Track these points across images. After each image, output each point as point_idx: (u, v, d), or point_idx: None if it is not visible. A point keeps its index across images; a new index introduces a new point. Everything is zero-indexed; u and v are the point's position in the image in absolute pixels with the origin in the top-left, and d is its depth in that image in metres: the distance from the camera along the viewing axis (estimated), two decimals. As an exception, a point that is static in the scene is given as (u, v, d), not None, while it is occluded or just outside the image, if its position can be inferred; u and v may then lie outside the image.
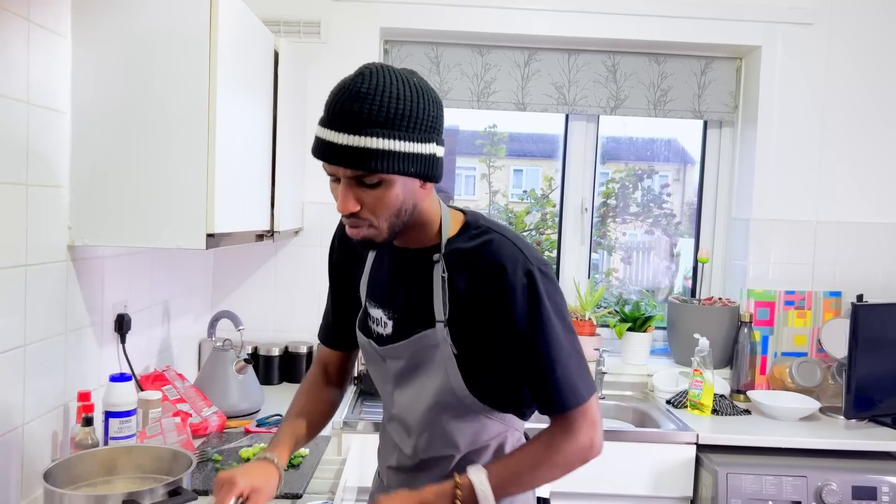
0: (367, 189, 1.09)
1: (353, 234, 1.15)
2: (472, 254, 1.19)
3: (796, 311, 2.72)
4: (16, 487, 1.48)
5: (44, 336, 1.56)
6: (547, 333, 1.16)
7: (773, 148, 2.74)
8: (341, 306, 1.43)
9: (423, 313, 1.22)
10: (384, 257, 1.30)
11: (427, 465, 1.30)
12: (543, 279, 1.17)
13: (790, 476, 2.12)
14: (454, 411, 1.24)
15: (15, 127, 1.43)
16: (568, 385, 1.18)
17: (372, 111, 1.05)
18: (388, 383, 1.33)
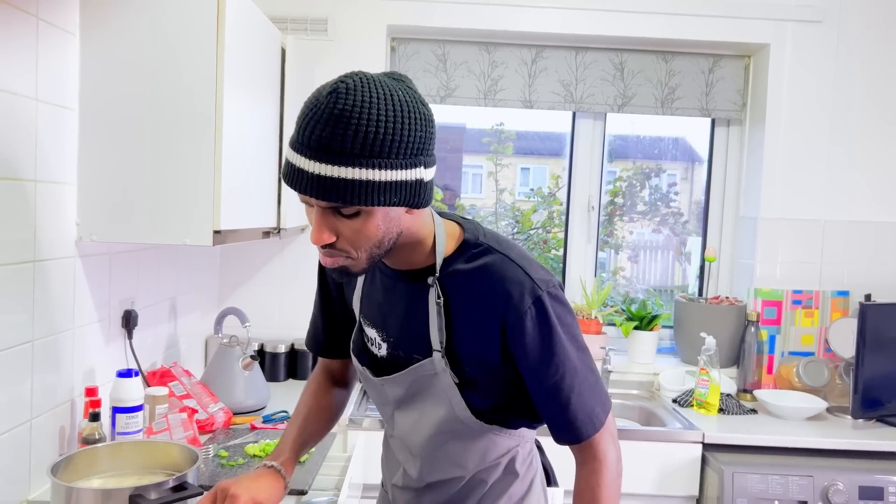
0: (344, 219, 0.99)
1: (327, 265, 1.05)
2: (473, 277, 1.11)
3: (804, 311, 2.71)
4: (24, 482, 1.49)
5: (52, 332, 1.57)
6: (561, 364, 1.10)
7: (782, 146, 2.73)
8: (331, 316, 1.36)
9: (420, 340, 1.15)
10: (376, 275, 1.23)
11: (434, 486, 1.28)
12: (553, 303, 1.10)
13: (796, 476, 2.11)
14: (460, 435, 1.20)
15: (23, 124, 1.44)
16: (585, 412, 1.13)
17: (347, 137, 0.92)
18: (387, 406, 1.28)
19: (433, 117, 1.03)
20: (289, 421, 1.38)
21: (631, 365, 2.77)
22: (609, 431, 1.17)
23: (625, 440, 2.19)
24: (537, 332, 1.09)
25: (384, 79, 0.98)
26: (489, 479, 1.25)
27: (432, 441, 1.21)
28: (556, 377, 1.11)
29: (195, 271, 2.50)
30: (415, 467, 1.27)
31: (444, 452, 1.22)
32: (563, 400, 1.12)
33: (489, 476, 1.25)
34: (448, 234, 1.15)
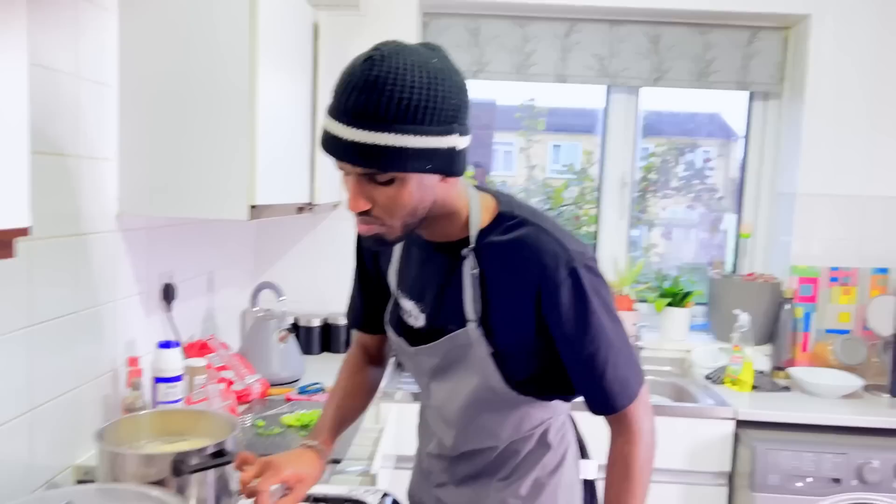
0: (379, 186, 1.00)
1: (363, 232, 1.07)
2: (508, 249, 1.11)
3: (841, 288, 2.67)
4: (71, 447, 1.55)
5: (95, 303, 1.62)
6: (596, 335, 1.11)
7: (821, 120, 2.67)
8: (369, 293, 1.37)
9: (455, 311, 1.16)
10: (412, 248, 1.24)
11: (468, 455, 1.30)
12: (588, 275, 1.10)
13: (830, 453, 2.10)
14: (495, 405, 1.21)
15: (66, 100, 1.48)
16: (620, 384, 1.13)
17: (382, 103, 0.94)
18: (423, 376, 1.29)
19: (467, 86, 1.03)
20: (326, 401, 1.40)
21: (663, 342, 2.76)
22: (643, 403, 1.18)
23: (656, 416, 2.16)
24: (572, 303, 1.09)
25: (419, 47, 1.00)
26: (522, 450, 1.27)
27: (467, 411, 1.23)
28: (591, 348, 1.11)
29: (231, 247, 2.55)
30: (449, 436, 1.29)
31: (478, 422, 1.24)
32: (598, 371, 1.12)
33: (523, 447, 1.26)
34: (483, 207, 1.15)
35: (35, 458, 1.42)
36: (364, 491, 1.49)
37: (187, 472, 1.22)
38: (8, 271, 1.32)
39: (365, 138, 0.95)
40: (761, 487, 2.10)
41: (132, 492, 1.19)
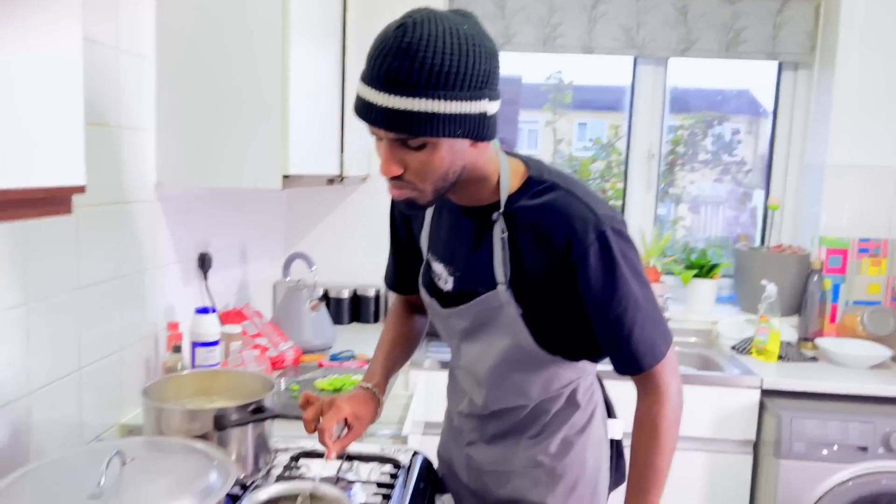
0: (411, 151, 1.03)
1: (395, 196, 1.11)
2: (538, 213, 1.14)
3: (871, 259, 2.65)
4: (116, 407, 1.62)
5: (136, 270, 1.68)
6: (624, 297, 1.13)
7: (853, 90, 2.64)
8: (404, 256, 1.43)
9: (485, 274, 1.19)
10: (443, 213, 1.28)
11: (498, 414, 1.33)
12: (617, 239, 1.12)
13: (857, 422, 2.11)
14: (524, 364, 1.24)
15: (107, 71, 1.53)
16: (647, 344, 1.15)
17: (414, 69, 0.96)
18: (454, 338, 1.34)
19: (497, 51, 1.05)
20: (375, 348, 1.47)
21: (689, 313, 2.77)
22: (670, 363, 1.20)
23: (682, 384, 2.24)
24: (601, 266, 1.11)
25: (450, 14, 1.02)
26: (552, 409, 1.30)
27: (497, 370, 1.27)
28: (619, 310, 1.13)
29: (263, 219, 2.60)
30: (480, 396, 1.32)
31: (508, 381, 1.27)
32: (626, 332, 1.15)
33: (552, 405, 1.30)
34: (513, 171, 1.18)
35: (83, 417, 1.49)
36: (395, 450, 1.54)
37: (228, 426, 1.28)
38: (59, 237, 1.38)
39: (397, 104, 0.98)
40: (786, 455, 2.12)
41: (178, 444, 1.24)
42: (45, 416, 1.36)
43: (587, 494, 1.32)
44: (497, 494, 1.34)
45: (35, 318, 1.32)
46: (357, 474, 1.43)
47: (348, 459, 1.46)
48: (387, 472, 1.44)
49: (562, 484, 1.30)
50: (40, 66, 0.77)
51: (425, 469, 1.47)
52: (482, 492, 1.37)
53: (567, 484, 1.30)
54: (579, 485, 1.31)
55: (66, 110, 0.83)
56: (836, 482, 2.11)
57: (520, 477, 1.31)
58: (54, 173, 0.82)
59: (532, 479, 1.30)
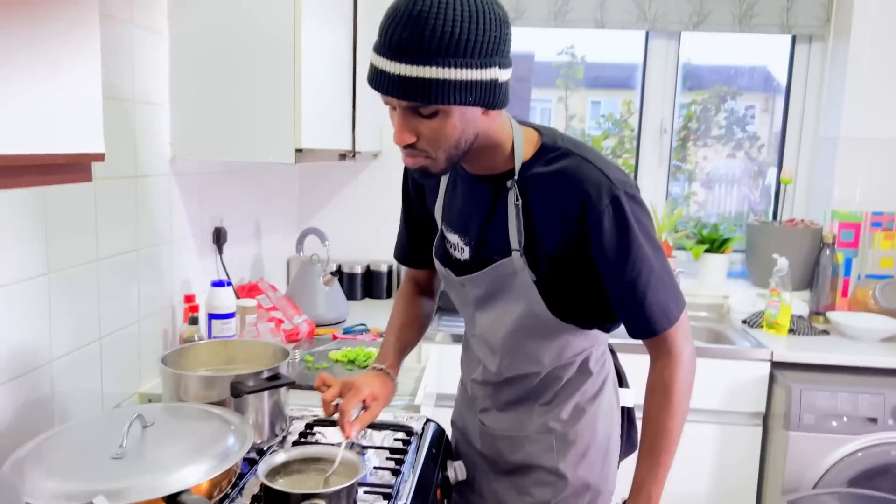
0: (424, 119, 1.05)
1: (409, 164, 1.12)
2: (552, 179, 1.15)
3: (884, 233, 2.64)
4: (135, 377, 1.66)
5: (152, 243, 1.71)
6: (637, 260, 1.14)
7: (867, 62, 2.61)
8: (415, 228, 1.45)
9: (499, 241, 1.21)
10: (457, 182, 1.29)
11: (512, 381, 1.35)
12: (630, 203, 1.13)
13: (867, 394, 2.11)
14: (538, 332, 1.26)
15: (122, 46, 1.55)
16: (660, 308, 1.16)
17: (425, 37, 0.97)
18: (468, 306, 1.36)
19: (508, 19, 1.06)
20: (385, 332, 1.50)
21: (701, 288, 2.78)
22: (683, 327, 1.20)
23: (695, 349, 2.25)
24: (614, 230, 1.12)
25: None
26: (564, 376, 1.32)
27: (511, 337, 1.29)
28: (632, 274, 1.15)
29: (277, 195, 2.63)
30: (494, 363, 1.35)
31: (522, 349, 1.30)
32: (639, 296, 1.16)
33: (564, 373, 1.32)
34: (526, 140, 1.19)
35: (104, 385, 1.53)
36: (408, 418, 1.58)
37: (245, 393, 1.31)
38: (78, 208, 1.41)
39: (409, 72, 0.99)
40: (795, 426, 2.13)
41: (196, 409, 1.28)
42: (68, 384, 1.40)
43: (598, 460, 1.35)
44: (510, 460, 1.37)
45: (56, 288, 1.35)
46: (371, 440, 1.46)
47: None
48: (400, 438, 1.47)
49: (573, 450, 1.33)
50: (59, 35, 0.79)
51: (437, 436, 1.50)
52: (495, 457, 1.40)
53: (578, 450, 1.33)
54: (590, 451, 1.34)
55: (85, 81, 0.85)
56: (845, 453, 2.12)
57: (532, 443, 1.34)
58: (74, 141, 0.84)
59: (545, 444, 1.33)
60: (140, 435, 1.14)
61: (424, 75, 0.99)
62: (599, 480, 1.35)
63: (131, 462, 1.07)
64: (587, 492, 1.34)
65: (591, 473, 1.34)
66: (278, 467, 1.19)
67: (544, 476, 1.34)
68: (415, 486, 1.26)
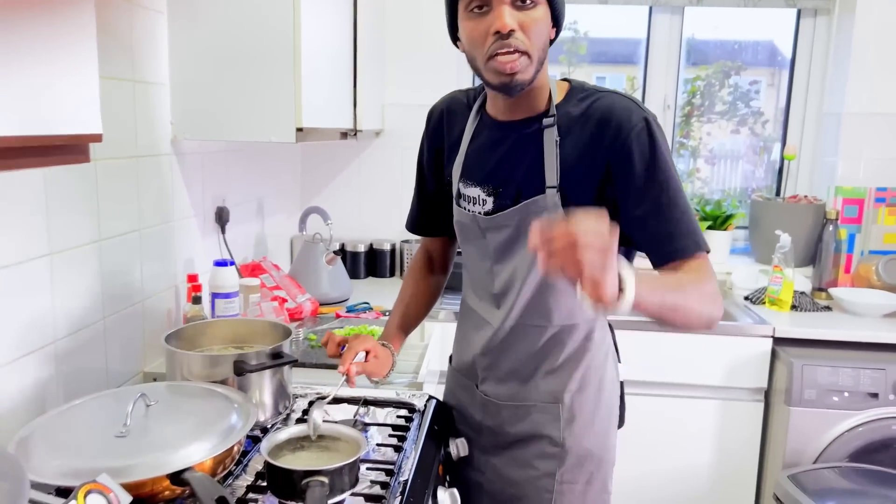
0: (523, 10, 1.13)
1: (506, 67, 1.15)
2: (585, 115, 1.21)
3: (888, 209, 2.63)
4: (139, 356, 1.68)
5: (155, 223, 1.72)
6: (666, 179, 1.16)
7: (872, 36, 2.59)
8: (429, 197, 1.49)
9: (532, 180, 1.24)
10: (483, 133, 1.33)
11: (516, 340, 1.34)
12: (657, 128, 1.18)
13: (868, 369, 2.12)
14: (554, 282, 1.27)
15: (120, 26, 1.54)
16: (690, 229, 1.17)
17: None
18: (486, 259, 1.36)
19: None
20: (393, 306, 1.55)
21: (703, 264, 2.77)
22: (713, 271, 1.17)
23: (695, 333, 2.27)
24: (646, 148, 1.16)
25: None
26: (568, 342, 1.32)
27: (527, 285, 1.29)
28: (664, 192, 1.16)
29: (279, 174, 2.63)
30: (500, 317, 1.34)
31: (536, 298, 1.30)
32: (671, 214, 1.16)
33: (569, 339, 1.32)
34: (558, 85, 1.27)
35: (108, 364, 1.55)
36: (411, 395, 1.59)
37: (248, 371, 1.32)
38: (79, 188, 1.41)
39: None
40: (797, 402, 2.14)
41: (199, 388, 1.29)
42: (72, 363, 1.42)
43: (602, 431, 1.37)
44: (512, 431, 1.38)
45: (59, 268, 1.36)
46: (374, 417, 1.48)
47: (364, 405, 1.50)
48: (402, 415, 1.48)
49: (579, 420, 1.34)
50: (55, 16, 0.79)
51: (439, 412, 1.51)
52: (497, 429, 1.41)
53: (584, 420, 1.34)
54: (595, 422, 1.36)
55: (80, 64, 0.85)
56: (846, 428, 2.14)
57: (539, 412, 1.35)
58: (72, 122, 0.85)
59: (552, 414, 1.34)
60: (144, 413, 1.15)
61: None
62: (602, 450, 1.37)
63: (135, 440, 1.08)
64: (590, 461, 1.35)
65: (595, 443, 1.36)
66: (282, 444, 1.20)
67: (547, 447, 1.35)
68: (416, 462, 1.28)
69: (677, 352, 2.28)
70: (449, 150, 1.41)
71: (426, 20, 2.68)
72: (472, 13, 1.16)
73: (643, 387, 2.25)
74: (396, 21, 2.70)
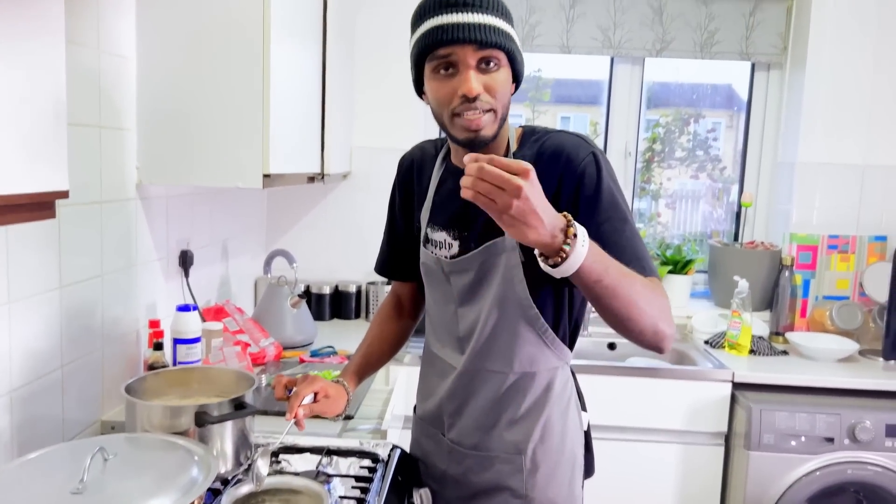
0: (487, 73, 1.19)
1: (472, 124, 1.20)
2: (539, 154, 1.27)
3: (839, 255, 2.72)
4: (97, 404, 1.64)
5: (117, 268, 1.70)
6: (613, 203, 1.21)
7: (822, 91, 2.71)
8: (399, 241, 1.52)
9: (494, 225, 1.22)
10: (448, 181, 1.38)
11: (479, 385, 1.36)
12: (605, 161, 1.25)
13: (824, 413, 2.17)
14: (515, 326, 1.30)
15: (88, 72, 1.54)
16: (638, 255, 1.19)
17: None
18: (451, 303, 1.38)
19: None
20: (357, 348, 1.57)
21: (664, 308, 2.83)
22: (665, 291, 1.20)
23: (656, 378, 2.30)
24: (594, 180, 1.22)
25: None
26: (530, 391, 1.34)
27: (488, 327, 1.32)
28: (611, 220, 1.21)
29: (245, 216, 2.62)
30: (464, 360, 1.36)
31: (498, 342, 1.32)
32: (619, 239, 1.19)
33: (530, 387, 1.34)
34: (514, 131, 1.34)
35: (66, 413, 1.51)
36: (375, 445, 1.58)
37: (209, 422, 1.31)
38: (41, 235, 1.40)
39: (483, 19, 1.17)
40: (756, 446, 2.18)
41: (159, 440, 1.27)
42: (28, 413, 1.38)
43: (565, 482, 1.37)
44: (476, 481, 1.38)
45: (17, 316, 1.34)
46: (336, 468, 1.46)
47: (328, 454, 1.49)
48: (366, 465, 1.47)
49: (542, 470, 1.35)
50: (24, 76, 0.80)
51: (403, 462, 1.51)
52: (461, 478, 1.41)
53: (547, 470, 1.35)
54: (558, 472, 1.36)
55: (50, 122, 0.85)
56: (804, 472, 2.17)
57: (502, 462, 1.36)
58: (38, 180, 0.85)
59: (515, 465, 1.35)
60: (102, 468, 1.13)
61: (494, 23, 1.17)
62: (567, 500, 1.37)
63: (92, 497, 1.06)
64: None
65: (559, 493, 1.36)
66: (242, 499, 1.18)
67: (510, 500, 1.35)
68: (380, 515, 1.27)
69: (639, 396, 2.31)
70: (419, 197, 1.45)
71: (393, 66, 2.72)
72: (439, 74, 1.21)
73: (605, 431, 2.27)
74: (364, 66, 2.74)
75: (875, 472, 2.16)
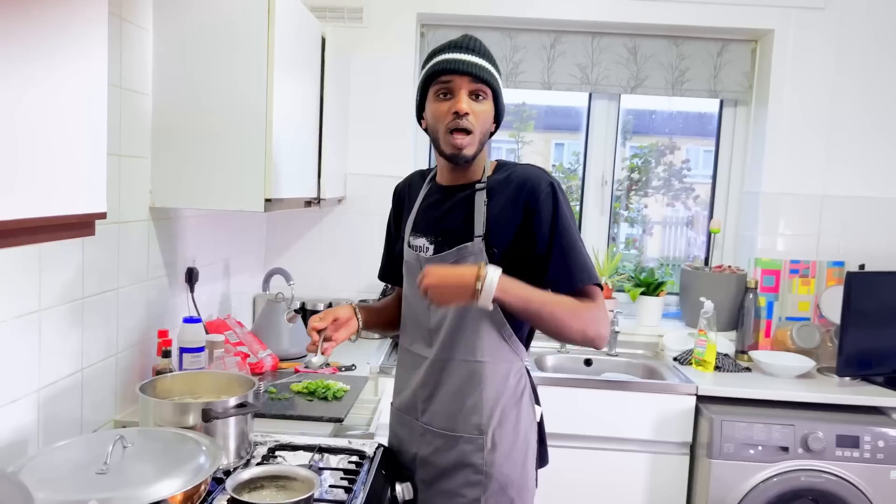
0: (478, 102, 1.52)
1: (458, 139, 1.51)
2: (508, 181, 1.56)
3: (801, 279, 2.91)
4: (111, 405, 1.81)
5: (131, 282, 1.88)
6: (565, 228, 1.51)
7: (784, 126, 2.92)
8: (397, 248, 1.75)
9: (465, 231, 1.56)
10: (431, 196, 1.66)
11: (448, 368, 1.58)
12: (561, 192, 1.53)
13: (779, 424, 2.35)
14: (478, 320, 1.54)
15: (112, 108, 1.73)
16: (584, 266, 1.51)
17: (484, 49, 1.55)
18: (424, 301, 1.59)
19: None
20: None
21: (638, 328, 3.01)
22: (602, 301, 1.53)
23: (626, 391, 2.48)
24: (550, 206, 1.51)
25: None
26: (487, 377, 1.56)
27: (456, 319, 1.56)
28: (563, 238, 1.51)
29: (245, 237, 2.80)
30: (433, 350, 1.60)
31: (465, 333, 1.56)
32: (568, 253, 1.51)
33: (490, 374, 1.56)
34: (490, 162, 1.65)
35: (83, 413, 1.68)
36: (362, 444, 1.75)
37: (215, 418, 1.48)
38: (68, 252, 1.58)
39: (481, 62, 1.52)
40: (717, 455, 2.35)
41: (170, 432, 1.44)
42: (53, 409, 1.55)
43: (519, 460, 1.59)
44: (442, 462, 1.59)
45: (46, 323, 1.52)
46: (327, 463, 1.63)
47: (319, 452, 1.66)
48: (354, 461, 1.64)
49: (499, 450, 1.56)
50: (69, 103, 0.98)
51: (387, 459, 1.68)
52: (431, 458, 1.61)
53: (503, 451, 1.57)
54: (513, 453, 1.58)
55: (91, 145, 1.03)
56: (761, 479, 2.34)
57: (465, 442, 1.57)
58: (81, 202, 1.03)
59: (476, 444, 1.56)
60: (122, 454, 1.30)
61: (488, 66, 1.53)
62: (522, 478, 1.59)
63: (115, 476, 1.23)
64: (511, 488, 1.57)
65: (514, 471, 1.57)
66: (244, 483, 1.35)
67: (472, 476, 1.56)
68: (365, 500, 1.44)
69: (611, 407, 2.48)
70: (407, 212, 1.72)
71: (386, 98, 2.92)
72: (440, 97, 1.54)
73: (575, 440, 2.45)
74: (358, 99, 2.94)
75: (827, 479, 2.34)
